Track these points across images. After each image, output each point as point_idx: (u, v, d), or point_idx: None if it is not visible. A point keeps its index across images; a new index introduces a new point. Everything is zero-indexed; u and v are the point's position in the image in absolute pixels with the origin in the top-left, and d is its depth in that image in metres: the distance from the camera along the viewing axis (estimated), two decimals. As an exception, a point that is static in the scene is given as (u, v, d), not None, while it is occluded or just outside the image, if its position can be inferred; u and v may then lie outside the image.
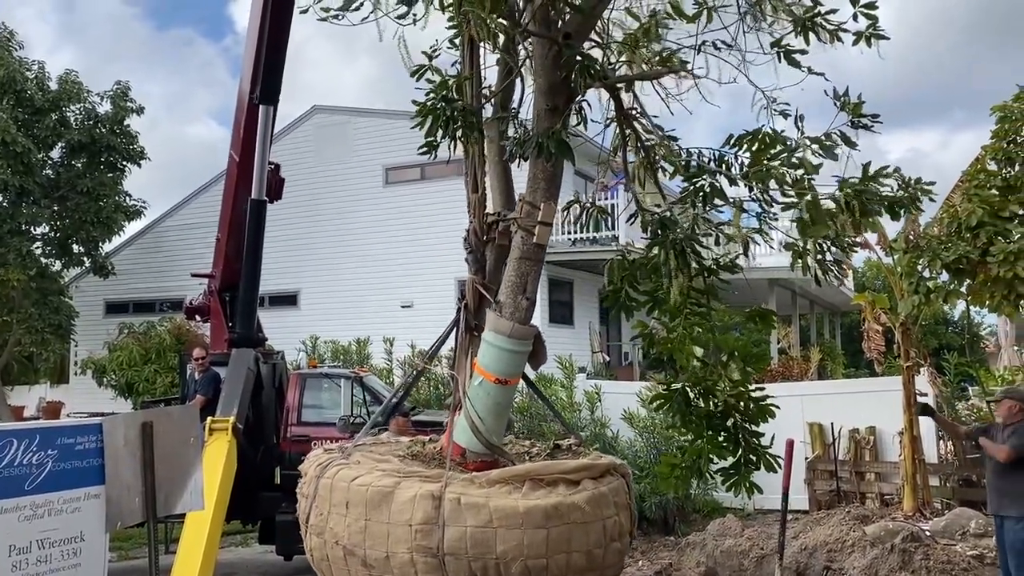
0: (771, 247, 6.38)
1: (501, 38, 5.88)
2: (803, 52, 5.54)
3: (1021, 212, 8.76)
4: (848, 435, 12.36)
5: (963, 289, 9.02)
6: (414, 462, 5.68)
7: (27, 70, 20.34)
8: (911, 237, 9.56)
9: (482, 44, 6.05)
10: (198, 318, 12.14)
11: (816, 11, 5.58)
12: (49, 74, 20.94)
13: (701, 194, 5.70)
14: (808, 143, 5.47)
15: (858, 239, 5.73)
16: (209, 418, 8.17)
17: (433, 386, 14.74)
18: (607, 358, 20.81)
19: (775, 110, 5.82)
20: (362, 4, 5.53)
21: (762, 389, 6.32)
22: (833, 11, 5.59)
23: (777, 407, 6.30)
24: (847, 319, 31.50)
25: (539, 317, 18.78)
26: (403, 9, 5.57)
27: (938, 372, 12.91)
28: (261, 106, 9.79)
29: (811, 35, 5.60)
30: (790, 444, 7.40)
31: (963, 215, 8.66)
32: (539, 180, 5.72)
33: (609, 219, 16.90)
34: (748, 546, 8.22)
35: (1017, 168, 8.93)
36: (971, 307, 10.14)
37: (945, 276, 8.99)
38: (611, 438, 12.53)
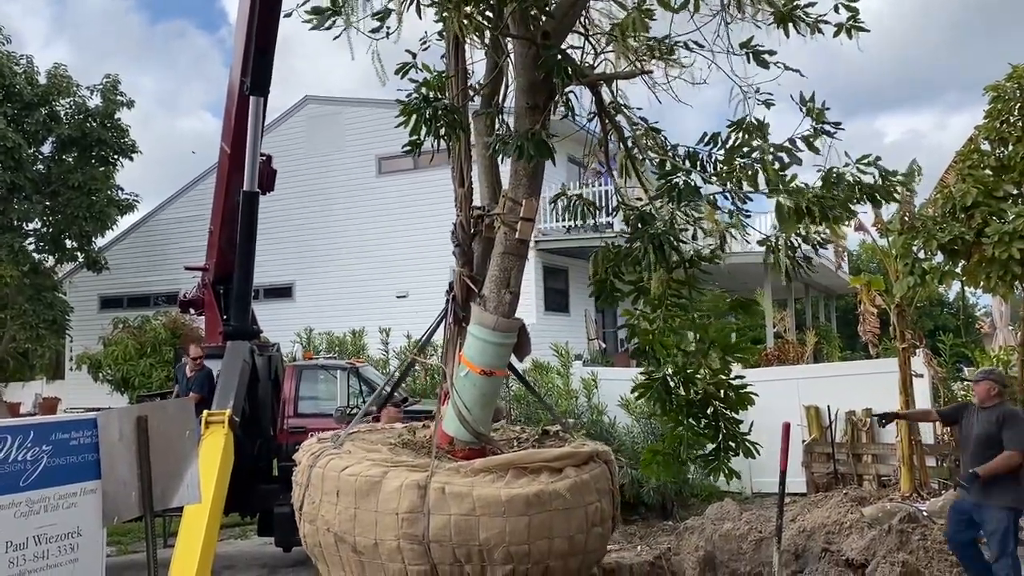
0: (746, 241, 6.49)
1: (487, 33, 5.90)
2: (772, 53, 5.63)
3: (1015, 192, 8.76)
4: (845, 417, 12.39)
5: (958, 270, 9.03)
6: (404, 451, 5.82)
7: (15, 64, 20.18)
8: (906, 218, 9.55)
9: (468, 41, 6.08)
10: (192, 311, 12.11)
11: (796, 4, 5.62)
12: (38, 68, 20.82)
13: (675, 192, 5.78)
14: (772, 150, 5.54)
15: (830, 236, 5.86)
16: (205, 411, 8.15)
17: (429, 376, 14.74)
18: (603, 345, 20.83)
19: (758, 100, 5.92)
20: (335, 22, 5.54)
21: (742, 377, 6.47)
22: (812, 3, 5.65)
23: (756, 394, 6.45)
24: (842, 302, 31.57)
25: (534, 305, 18.86)
26: (376, 24, 5.62)
27: (933, 353, 12.94)
28: (252, 97, 9.73)
29: (791, 28, 5.65)
30: (786, 427, 7.38)
31: (957, 196, 8.66)
32: (521, 177, 5.80)
33: (596, 209, 16.91)
34: (746, 530, 8.22)
35: (1011, 148, 8.93)
36: (966, 288, 10.15)
37: (940, 257, 8.99)
38: (608, 424, 12.54)
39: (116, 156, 21.77)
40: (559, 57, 5.48)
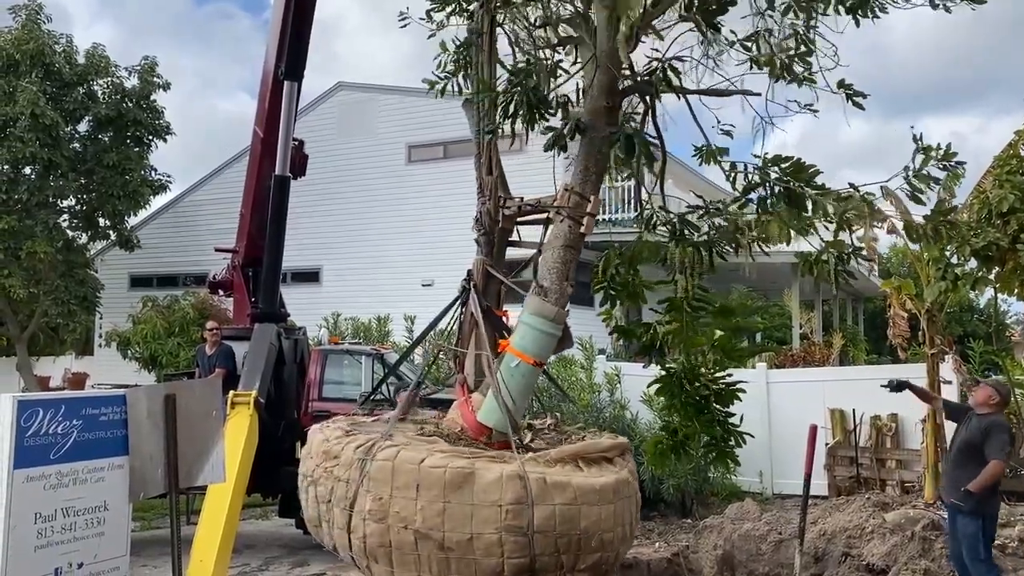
0: (763, 250, 6.61)
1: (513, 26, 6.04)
2: (864, 95, 5.77)
3: (1054, 199, 8.59)
4: (870, 422, 12.26)
5: (991, 276, 8.90)
6: (445, 441, 5.68)
7: (55, 43, 20.43)
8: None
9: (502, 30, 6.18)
10: (221, 292, 12.21)
11: (810, 70, 5.87)
12: (77, 48, 21.06)
13: (761, 203, 5.90)
14: (906, 181, 5.67)
15: (870, 254, 5.98)
16: (231, 392, 8.23)
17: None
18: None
19: (720, 130, 6.18)
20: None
21: (730, 375, 6.85)
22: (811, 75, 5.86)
23: (744, 391, 6.86)
24: (871, 305, 31.19)
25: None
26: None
27: (963, 360, 12.74)
28: (286, 82, 9.78)
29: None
30: (813, 430, 7.36)
31: (994, 201, 8.53)
32: (590, 172, 5.88)
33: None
34: (766, 530, 8.17)
35: (1051, 154, 8.76)
36: (998, 294, 10.00)
37: (973, 262, 8.86)
38: (630, 420, 12.50)
39: (151, 137, 22.00)
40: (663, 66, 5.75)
